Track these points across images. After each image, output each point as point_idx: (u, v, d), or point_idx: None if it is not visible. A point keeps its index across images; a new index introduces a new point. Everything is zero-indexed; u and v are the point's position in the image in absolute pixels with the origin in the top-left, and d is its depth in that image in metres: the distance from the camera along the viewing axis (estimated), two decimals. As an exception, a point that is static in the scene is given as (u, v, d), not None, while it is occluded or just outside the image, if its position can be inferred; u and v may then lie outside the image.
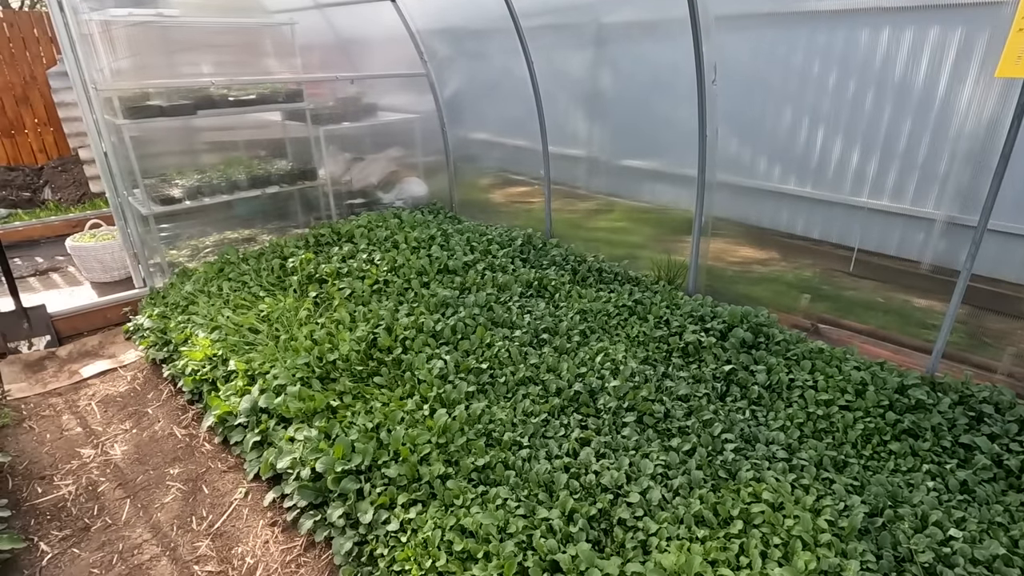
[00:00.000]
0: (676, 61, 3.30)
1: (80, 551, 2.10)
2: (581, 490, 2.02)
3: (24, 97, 6.76)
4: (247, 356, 2.80)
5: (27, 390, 3.10)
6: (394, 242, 4.04)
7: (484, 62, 4.83)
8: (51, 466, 2.52)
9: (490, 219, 5.03)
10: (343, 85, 4.74)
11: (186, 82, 3.97)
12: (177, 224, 4.18)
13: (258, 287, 3.60)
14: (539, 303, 3.39)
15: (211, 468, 2.51)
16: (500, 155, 5.02)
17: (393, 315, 3.10)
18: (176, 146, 4.19)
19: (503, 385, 2.62)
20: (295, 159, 4.76)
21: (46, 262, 4.84)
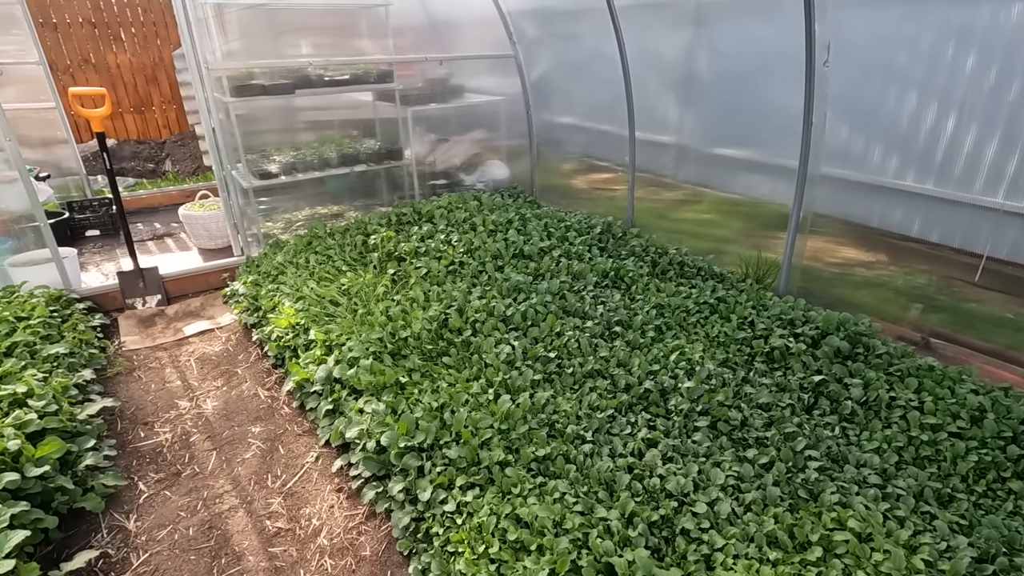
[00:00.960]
0: (783, 41, 3.03)
1: (171, 494, 2.29)
2: (644, 493, 1.93)
3: (153, 77, 7.44)
4: (326, 327, 2.92)
5: (139, 343, 3.43)
6: (472, 224, 4.06)
7: (573, 44, 4.70)
8: (153, 414, 2.78)
9: (570, 205, 4.93)
10: (432, 66, 4.79)
11: (287, 62, 4.17)
12: (273, 198, 4.44)
13: (341, 261, 3.75)
14: (614, 294, 3.27)
15: (287, 430, 2.65)
16: (584, 140, 4.89)
17: (466, 297, 3.11)
18: (275, 124, 4.43)
19: (570, 376, 2.56)
20: (383, 139, 4.89)
21: (162, 228, 5.33)
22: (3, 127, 3.25)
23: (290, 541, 2.07)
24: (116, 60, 7.16)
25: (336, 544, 2.05)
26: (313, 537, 2.09)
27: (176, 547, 2.05)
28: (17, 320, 2.92)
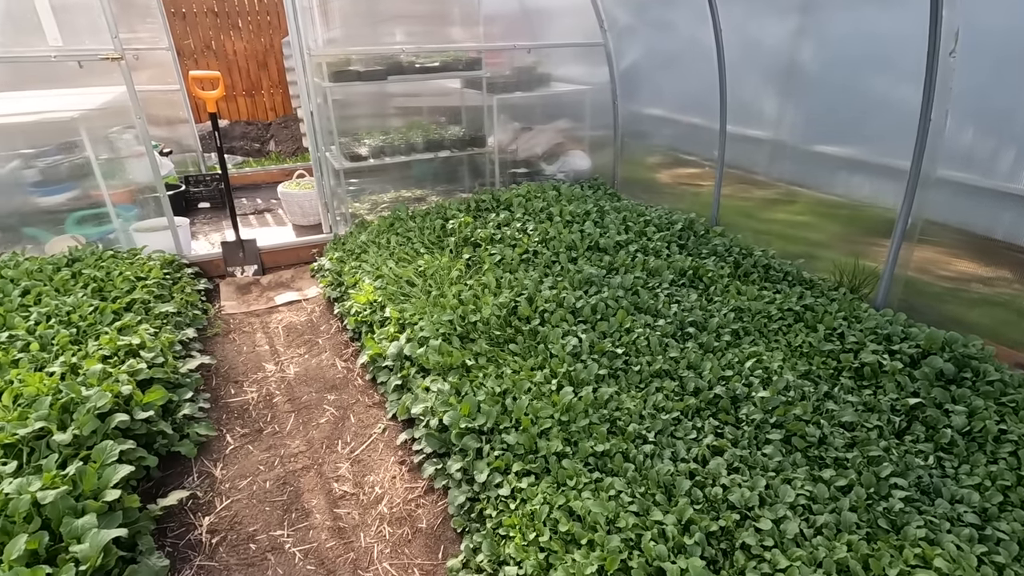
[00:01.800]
0: (901, 28, 2.75)
1: (253, 448, 2.49)
2: (704, 501, 1.85)
3: (264, 63, 8.00)
4: (401, 306, 3.04)
5: (235, 308, 3.73)
6: (549, 214, 4.05)
7: (666, 32, 4.53)
8: (243, 374, 3.02)
9: (652, 199, 4.78)
10: (520, 54, 4.79)
11: (381, 49, 4.33)
12: (362, 180, 4.66)
13: (420, 244, 3.87)
14: (690, 294, 3.15)
15: (359, 401, 2.79)
16: (671, 133, 4.72)
17: (537, 286, 3.12)
18: (367, 109, 4.63)
19: (636, 374, 2.50)
20: (468, 126, 4.97)
21: (263, 203, 5.75)
22: (136, 107, 3.62)
23: (354, 505, 2.19)
24: (233, 47, 7.76)
25: (395, 513, 2.15)
26: (375, 504, 2.19)
27: (254, 497, 2.23)
28: (136, 280, 3.27)
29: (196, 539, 2.04)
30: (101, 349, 2.52)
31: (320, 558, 1.97)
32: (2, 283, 3.04)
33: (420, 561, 1.96)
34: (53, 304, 2.86)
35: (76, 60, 3.45)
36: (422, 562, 1.95)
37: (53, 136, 3.74)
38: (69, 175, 3.85)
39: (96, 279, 3.19)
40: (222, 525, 2.10)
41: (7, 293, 2.96)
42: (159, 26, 5.53)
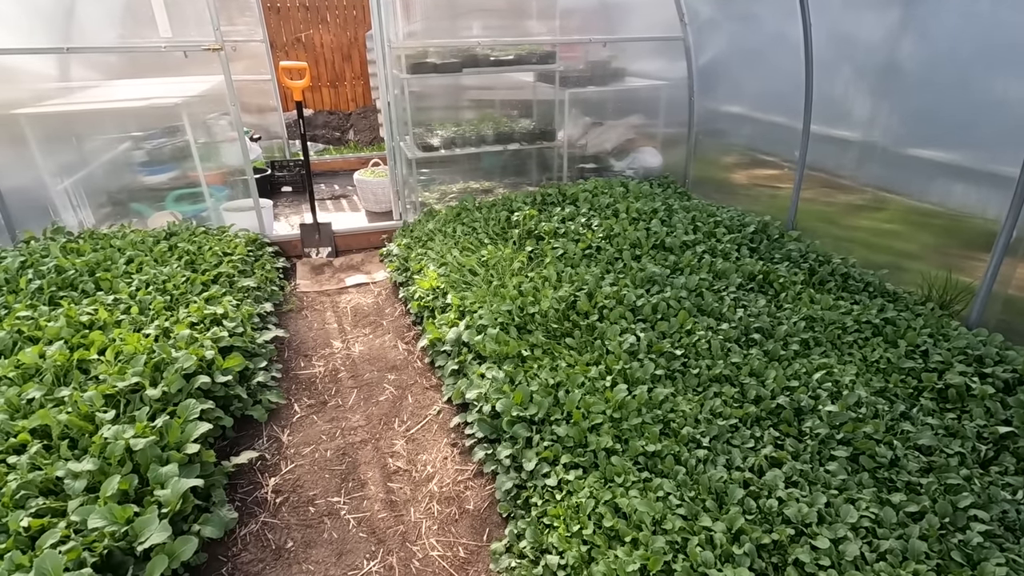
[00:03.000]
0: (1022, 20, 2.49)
1: (317, 419, 2.64)
2: (757, 513, 1.79)
3: (348, 55, 8.35)
4: (462, 294, 3.11)
5: (309, 287, 3.95)
6: (615, 210, 4.00)
7: (751, 25, 4.33)
8: (312, 348, 3.20)
9: (724, 200, 4.61)
10: (595, 48, 4.74)
11: (457, 42, 4.42)
12: (432, 170, 4.78)
13: (484, 234, 3.93)
14: (758, 299, 3.02)
15: (417, 382, 2.89)
16: (750, 131, 4.52)
17: (597, 282, 3.10)
18: (441, 101, 4.74)
19: (695, 377, 2.44)
20: (538, 120, 4.98)
21: (340, 189, 6.02)
22: (231, 95, 3.90)
23: (406, 481, 2.28)
24: (320, 39, 8.15)
25: (444, 493, 2.21)
26: (426, 482, 2.27)
27: (315, 464, 2.37)
28: (223, 255, 3.53)
29: (262, 497, 2.20)
30: (190, 316, 2.75)
31: (372, 527, 2.07)
32: (111, 252, 3.37)
33: (465, 541, 2.01)
34: (152, 273, 3.14)
35: (182, 50, 3.75)
36: (467, 542, 2.01)
37: (159, 120, 4.09)
38: (171, 157, 4.20)
39: (189, 252, 3.47)
40: (285, 487, 2.25)
41: (115, 261, 3.28)
42: (255, 19, 5.90)
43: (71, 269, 3.09)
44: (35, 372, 2.29)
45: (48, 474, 1.82)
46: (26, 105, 3.73)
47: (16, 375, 2.26)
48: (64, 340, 2.46)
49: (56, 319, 2.61)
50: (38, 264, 3.12)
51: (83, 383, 2.25)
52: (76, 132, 3.98)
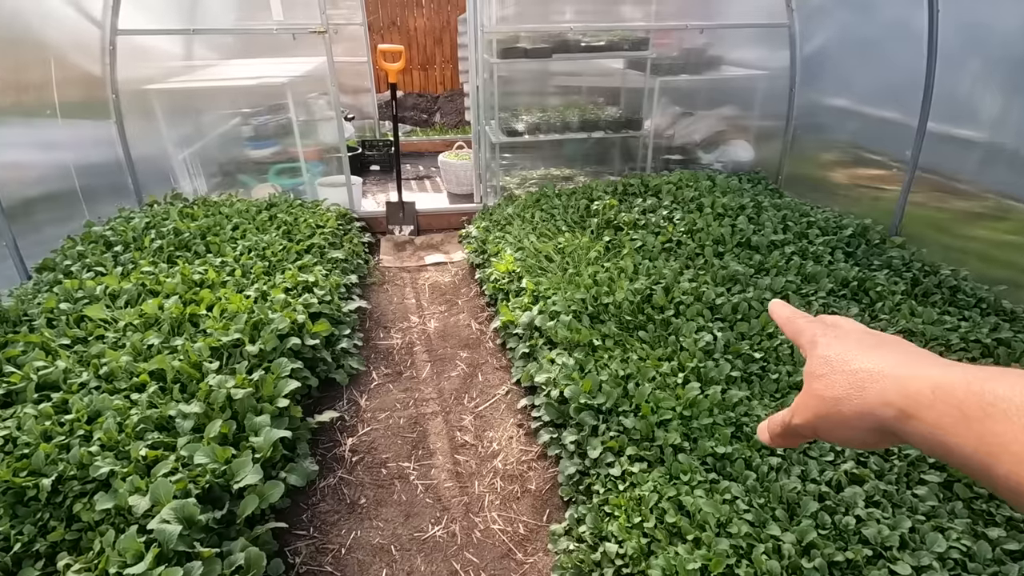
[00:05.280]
0: None
1: (393, 388, 2.78)
2: (831, 528, 1.71)
3: (439, 39, 8.53)
4: (537, 279, 3.14)
5: (391, 262, 4.13)
6: (699, 204, 3.87)
7: (866, 13, 4.01)
8: (391, 321, 3.36)
9: (819, 200, 4.33)
10: (691, 35, 4.57)
11: (549, 27, 4.40)
12: (515, 155, 4.82)
13: (562, 222, 3.94)
14: (851, 307, 2.84)
15: (488, 362, 2.97)
16: (855, 127, 4.21)
17: (676, 277, 3.03)
18: (528, 86, 4.75)
19: (773, 382, 2.34)
20: (625, 108, 4.89)
21: (424, 170, 6.21)
22: (332, 76, 4.11)
23: (472, 455, 2.36)
24: (414, 23, 8.38)
25: (508, 471, 2.28)
26: (491, 458, 2.34)
27: (389, 430, 2.50)
28: (316, 227, 3.76)
29: (340, 454, 2.36)
30: (285, 282, 2.97)
31: (438, 495, 2.17)
32: (220, 218, 3.68)
33: (526, 519, 2.07)
34: (253, 240, 3.41)
35: (291, 33, 3.99)
36: (527, 520, 2.06)
37: (266, 98, 4.39)
38: (274, 133, 4.50)
39: (286, 223, 3.73)
40: (361, 447, 2.40)
41: (223, 227, 3.58)
42: (356, 3, 6.15)
43: (186, 232, 3.41)
44: (155, 322, 2.57)
45: (162, 412, 2.04)
46: (156, 81, 4.12)
47: (140, 323, 2.54)
48: (179, 295, 2.74)
49: (173, 276, 2.90)
50: (159, 226, 3.47)
51: (193, 335, 2.50)
52: (195, 107, 4.35)
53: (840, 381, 0.43)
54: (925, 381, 0.38)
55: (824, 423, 0.45)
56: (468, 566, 1.92)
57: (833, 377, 0.44)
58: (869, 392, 0.41)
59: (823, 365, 0.46)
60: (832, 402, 0.44)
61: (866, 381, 0.42)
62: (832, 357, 0.45)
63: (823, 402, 0.44)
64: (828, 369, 0.45)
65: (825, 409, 0.44)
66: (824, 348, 0.47)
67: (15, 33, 3.18)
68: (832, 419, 0.44)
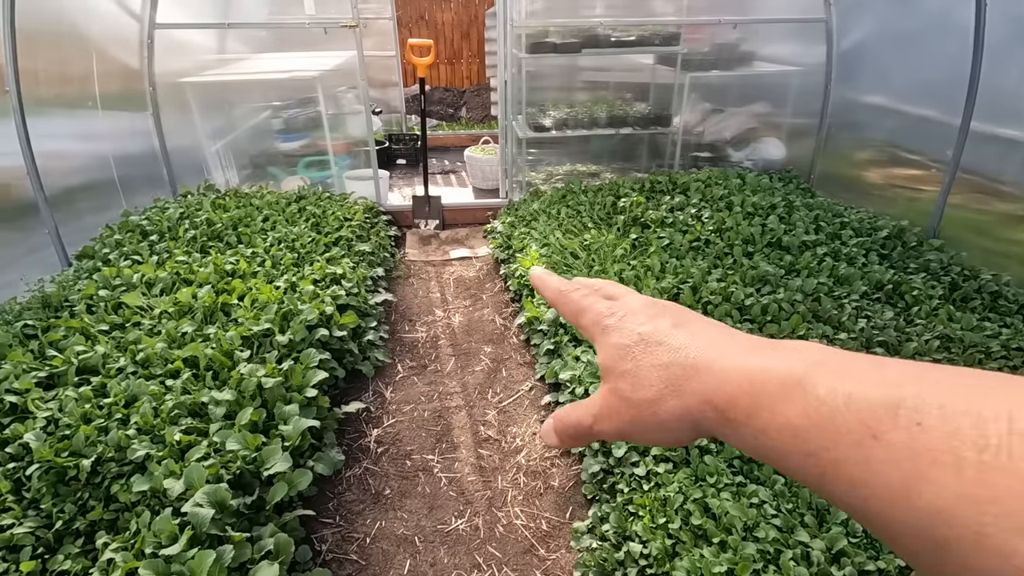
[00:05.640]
0: None
1: (417, 380, 2.80)
2: (862, 537, 1.68)
3: (467, 33, 8.53)
4: (563, 276, 3.13)
5: (416, 256, 4.16)
6: (728, 203, 3.81)
7: (908, 5, 3.88)
8: (416, 315, 3.38)
9: (853, 200, 4.23)
10: (724, 30, 4.48)
11: (579, 22, 4.36)
12: (541, 150, 4.81)
13: (588, 219, 3.91)
14: (885, 311, 2.77)
15: (512, 357, 2.97)
16: (893, 125, 4.08)
17: (704, 276, 2.99)
18: (556, 81, 4.72)
19: (803, 386, 2.30)
20: (654, 104, 4.83)
21: (449, 165, 6.23)
22: (361, 70, 4.14)
23: (495, 450, 2.37)
24: (442, 18, 8.39)
25: (531, 467, 2.28)
26: (514, 453, 2.35)
27: (413, 422, 2.53)
28: (344, 220, 3.81)
29: (365, 445, 2.39)
30: (313, 274, 3.01)
31: (461, 488, 2.19)
32: (250, 210, 3.75)
33: (548, 515, 2.07)
34: (283, 231, 3.47)
35: (323, 27, 4.03)
36: (550, 516, 2.06)
37: (296, 92, 4.45)
38: (303, 126, 4.57)
39: (315, 215, 3.78)
40: (386, 439, 2.43)
41: (253, 218, 3.65)
42: (386, -3, 6.18)
43: (219, 223, 3.48)
44: (188, 310, 2.63)
45: (195, 399, 2.10)
46: (190, 74, 4.21)
47: (174, 311, 2.61)
48: (211, 284, 2.80)
49: (206, 265, 2.97)
50: (193, 216, 3.55)
51: (225, 324, 2.55)
52: (228, 100, 4.43)
53: (651, 379, 0.36)
54: (742, 373, 0.32)
55: (635, 428, 0.37)
56: (491, 560, 1.93)
57: (641, 374, 0.36)
58: (687, 390, 0.34)
59: (624, 357, 0.37)
60: (645, 405, 0.36)
61: (681, 378, 0.35)
62: (633, 347, 0.37)
63: (633, 406, 0.36)
64: (632, 364, 0.37)
65: (637, 414, 0.36)
66: (619, 335, 0.38)
67: (61, 27, 3.28)
68: (646, 423, 0.36)
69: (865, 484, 0.25)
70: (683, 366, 0.35)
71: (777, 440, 0.29)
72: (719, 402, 0.32)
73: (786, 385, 0.29)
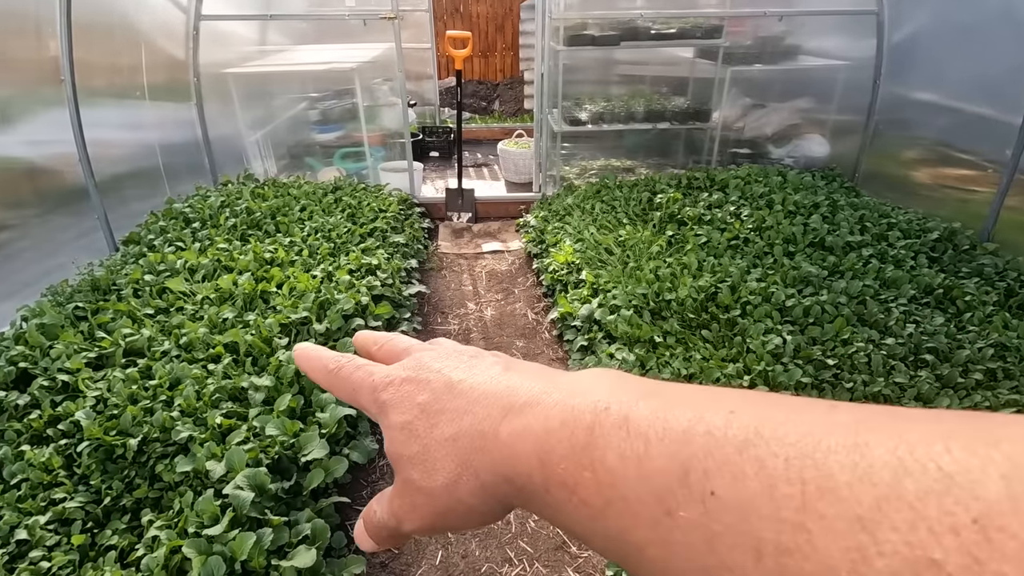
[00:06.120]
0: None
1: (450, 373, 2.81)
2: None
3: (501, 26, 8.50)
4: (596, 272, 3.10)
5: (449, 249, 4.17)
6: (769, 201, 3.71)
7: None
8: (448, 307, 3.39)
9: (900, 200, 4.07)
10: (768, 22, 4.36)
11: (619, 14, 4.30)
12: (576, 144, 4.76)
13: (623, 214, 3.86)
14: (935, 316, 2.66)
15: (544, 353, 2.96)
16: (944, 124, 3.91)
17: (742, 275, 2.92)
18: (593, 74, 4.67)
19: (847, 391, 2.23)
20: (693, 98, 4.73)
21: (482, 158, 6.23)
22: (399, 62, 4.16)
23: (527, 445, 2.36)
24: (476, 10, 8.37)
25: (563, 463, 2.26)
26: (546, 449, 2.34)
27: (446, 414, 2.54)
28: (379, 211, 3.84)
29: (398, 435, 2.41)
30: (349, 264, 3.04)
31: (493, 482, 2.19)
32: (288, 199, 3.81)
33: (580, 513, 2.05)
34: (320, 221, 3.51)
35: (362, 19, 4.06)
36: (582, 514, 2.05)
37: (334, 83, 4.49)
38: (339, 117, 4.61)
39: (351, 206, 3.82)
40: (419, 430, 2.44)
41: (291, 208, 3.71)
42: (422, -10, 6.20)
43: (258, 212, 3.55)
44: (229, 296, 2.69)
45: (236, 383, 2.14)
46: (233, 65, 4.29)
47: (215, 297, 2.67)
48: (251, 272, 2.85)
49: (246, 253, 3.03)
50: (233, 204, 3.62)
51: (264, 311, 2.60)
52: (268, 90, 4.51)
53: (441, 459, 0.30)
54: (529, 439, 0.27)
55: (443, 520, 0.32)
56: (522, 555, 1.93)
57: (430, 456, 0.30)
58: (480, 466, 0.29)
59: (409, 439, 0.31)
60: (442, 492, 0.30)
61: (471, 451, 0.29)
62: (415, 422, 0.31)
63: (431, 496, 0.31)
64: (418, 445, 0.31)
65: (438, 504, 0.31)
66: (398, 410, 0.32)
67: (113, 19, 3.37)
68: (453, 512, 0.31)
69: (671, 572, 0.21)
70: (470, 436, 0.29)
71: (577, 520, 0.25)
72: (513, 477, 0.27)
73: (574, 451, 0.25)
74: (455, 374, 0.32)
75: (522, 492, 0.27)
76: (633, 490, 0.22)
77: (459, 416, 0.30)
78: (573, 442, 0.25)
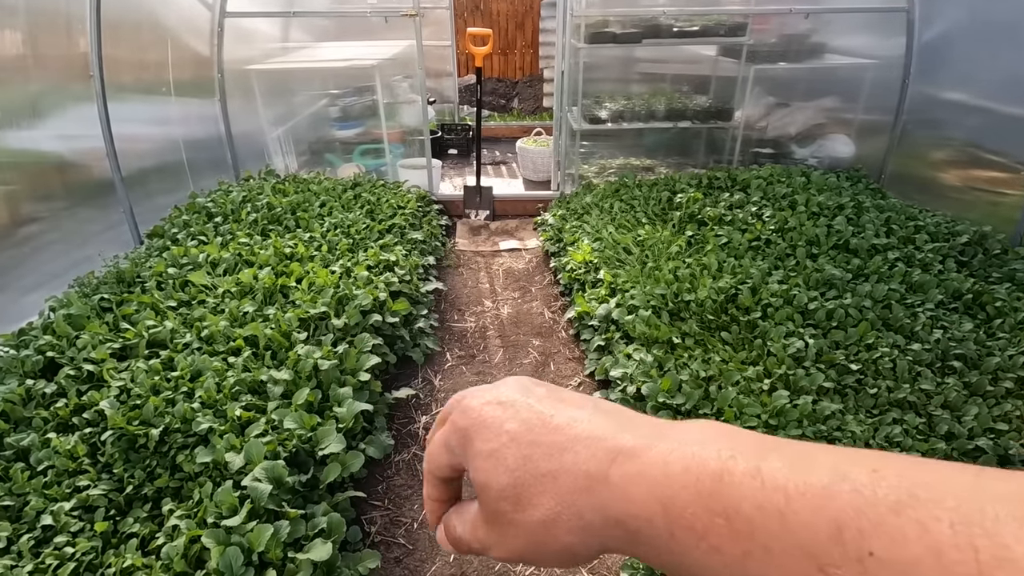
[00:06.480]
0: None
1: (465, 370, 2.81)
2: None
3: (521, 23, 8.48)
4: (615, 271, 3.07)
5: (466, 246, 4.17)
6: (792, 202, 3.65)
7: (1005, -6, 3.60)
8: (465, 304, 3.40)
9: (928, 202, 3.97)
10: (794, 20, 4.28)
11: (641, 11, 4.25)
12: (595, 143, 4.73)
13: (642, 214, 3.83)
14: (963, 322, 2.59)
15: (560, 352, 2.94)
16: (975, 124, 3.81)
17: (764, 277, 2.87)
18: (614, 72, 4.63)
19: (871, 397, 2.18)
20: (715, 97, 4.67)
21: (500, 156, 6.22)
22: (419, 59, 4.17)
23: (542, 444, 2.35)
24: (496, 7, 8.36)
25: (579, 463, 2.25)
26: (561, 449, 2.32)
27: (461, 411, 2.54)
28: (397, 208, 3.85)
29: (414, 431, 2.42)
30: (367, 260, 3.06)
31: (508, 480, 2.18)
32: (308, 195, 3.84)
33: (595, 513, 2.04)
34: (339, 217, 3.54)
35: (384, 16, 4.08)
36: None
37: (354, 80, 4.52)
38: (360, 114, 4.64)
39: (369, 202, 3.84)
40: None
41: (311, 204, 3.74)
42: (443, -13, 6.20)
43: (278, 207, 3.58)
44: (249, 290, 2.72)
45: (255, 376, 2.16)
46: (255, 62, 4.34)
47: (236, 291, 2.70)
48: (271, 267, 2.88)
49: (266, 248, 3.06)
50: (254, 200, 3.67)
51: (283, 305, 2.62)
52: (290, 87, 4.55)
53: (537, 495, 0.29)
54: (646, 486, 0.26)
55: (534, 553, 0.31)
56: (536, 554, 1.92)
57: (525, 492, 0.29)
58: (585, 507, 0.28)
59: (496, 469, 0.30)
60: (538, 528, 0.29)
61: (574, 492, 0.28)
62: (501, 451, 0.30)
63: (526, 531, 0.30)
64: (509, 477, 0.30)
65: (536, 540, 0.30)
66: (483, 437, 0.31)
67: (140, 16, 3.43)
68: (547, 548, 0.30)
69: None
70: (573, 475, 0.28)
71: (706, 566, 0.24)
72: (626, 520, 0.27)
73: (700, 497, 0.24)
74: (543, 407, 0.31)
75: (637, 536, 0.27)
76: (777, 542, 0.22)
77: (558, 452, 0.29)
78: (699, 488, 0.25)
